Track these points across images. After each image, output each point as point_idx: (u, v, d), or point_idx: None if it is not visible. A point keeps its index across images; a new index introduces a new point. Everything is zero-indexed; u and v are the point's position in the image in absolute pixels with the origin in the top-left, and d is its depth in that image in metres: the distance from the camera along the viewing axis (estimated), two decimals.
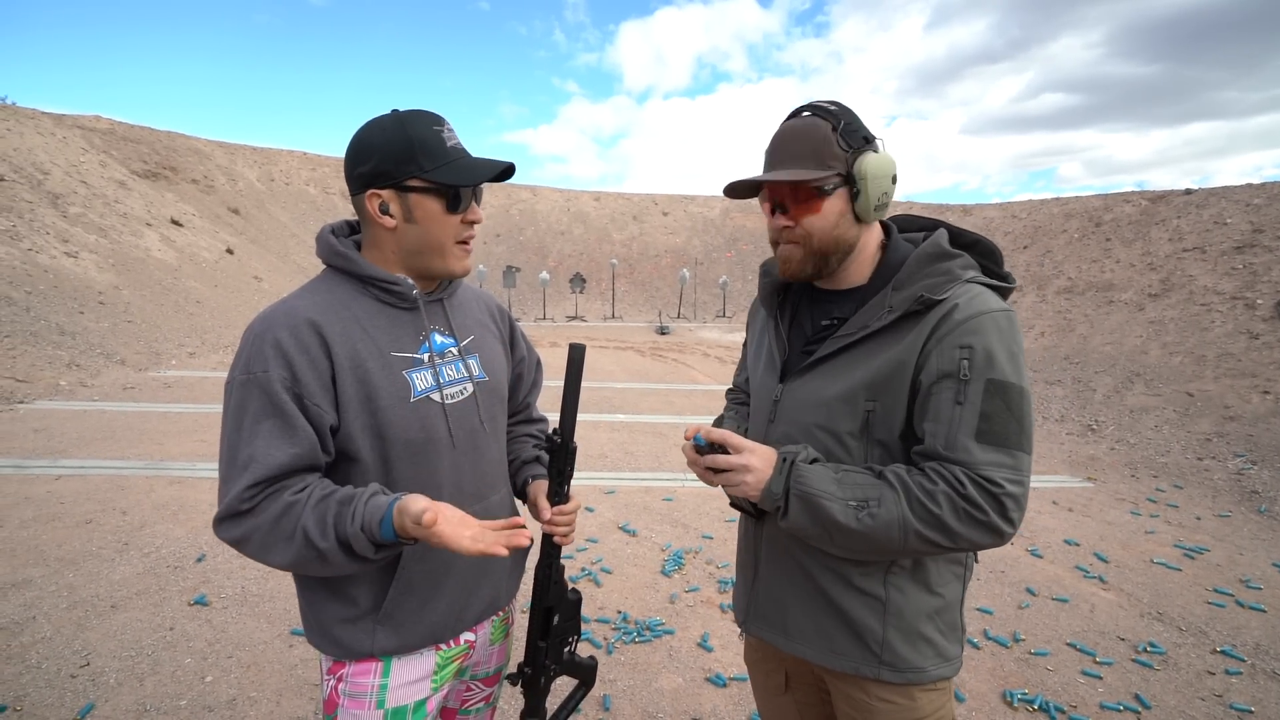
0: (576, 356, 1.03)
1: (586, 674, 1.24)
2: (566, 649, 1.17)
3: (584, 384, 1.18)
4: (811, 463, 0.98)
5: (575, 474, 1.16)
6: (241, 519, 0.91)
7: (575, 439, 1.05)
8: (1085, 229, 11.60)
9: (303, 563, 0.91)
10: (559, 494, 1.06)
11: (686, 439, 1.02)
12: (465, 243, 1.05)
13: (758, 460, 0.97)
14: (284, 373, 0.92)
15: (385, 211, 0.99)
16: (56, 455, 4.60)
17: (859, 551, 0.97)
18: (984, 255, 1.05)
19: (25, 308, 7.72)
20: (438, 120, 1.00)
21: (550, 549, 1.09)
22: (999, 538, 0.92)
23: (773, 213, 1.05)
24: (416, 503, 0.88)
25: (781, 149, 1.02)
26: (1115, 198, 12.23)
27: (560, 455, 1.04)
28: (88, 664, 2.34)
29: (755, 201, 1.14)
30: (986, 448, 0.90)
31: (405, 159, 0.96)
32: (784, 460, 0.97)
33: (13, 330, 7.17)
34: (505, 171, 1.03)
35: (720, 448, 1.00)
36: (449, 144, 0.99)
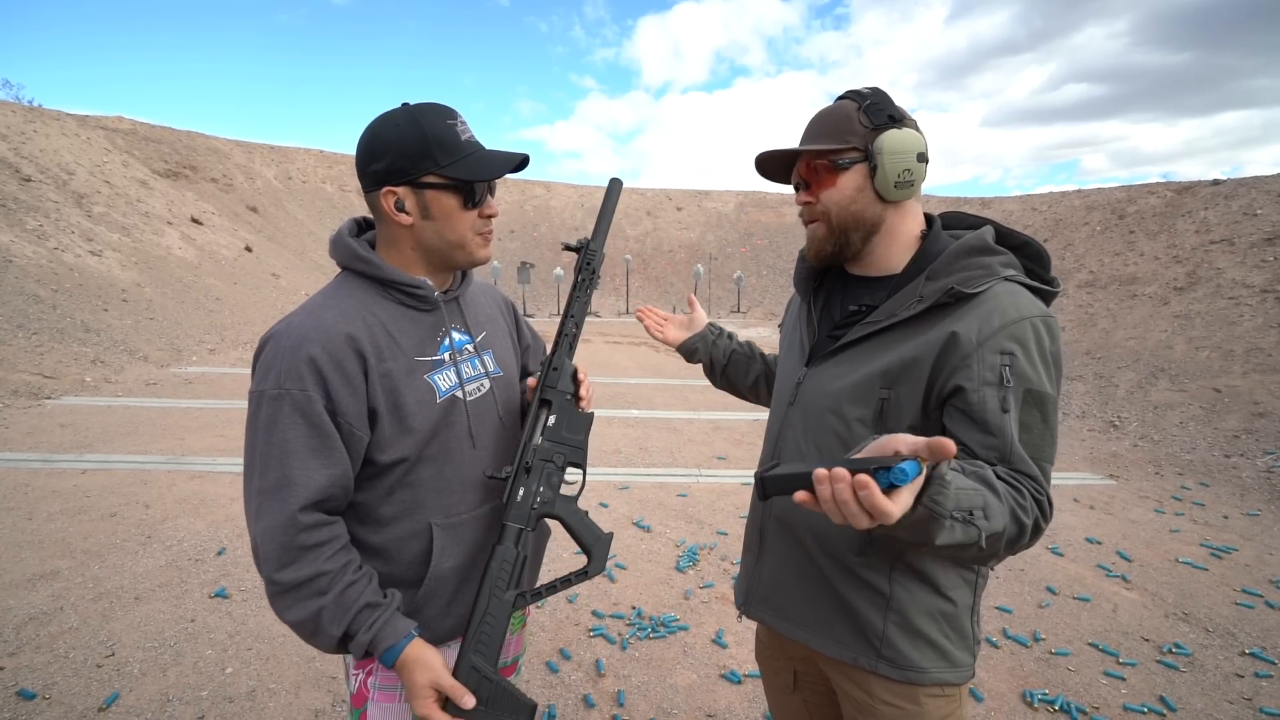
0: (615, 188, 1.16)
1: (597, 544, 1.04)
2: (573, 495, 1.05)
3: (597, 380, 1.17)
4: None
5: (589, 470, 1.14)
6: (307, 556, 0.91)
7: (592, 435, 1.05)
8: (1108, 221, 11.36)
9: (303, 628, 0.93)
10: (582, 297, 1.10)
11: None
12: (483, 234, 1.05)
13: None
14: (320, 391, 0.91)
15: (401, 209, 0.98)
16: (82, 450, 4.70)
17: (943, 555, 0.84)
18: (1031, 259, 1.02)
19: (52, 305, 7.89)
20: (451, 114, 0.99)
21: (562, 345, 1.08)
22: (1018, 551, 0.89)
23: (797, 189, 1.08)
24: (421, 684, 0.92)
25: (809, 129, 1.05)
26: (1140, 189, 11.97)
27: (586, 252, 1.11)
28: (113, 654, 2.39)
29: (769, 198, 1.14)
30: (1029, 461, 0.89)
31: (421, 155, 0.95)
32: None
33: (40, 327, 7.34)
34: (521, 164, 1.02)
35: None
36: (463, 138, 0.98)
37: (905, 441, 0.66)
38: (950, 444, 0.63)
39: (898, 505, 0.65)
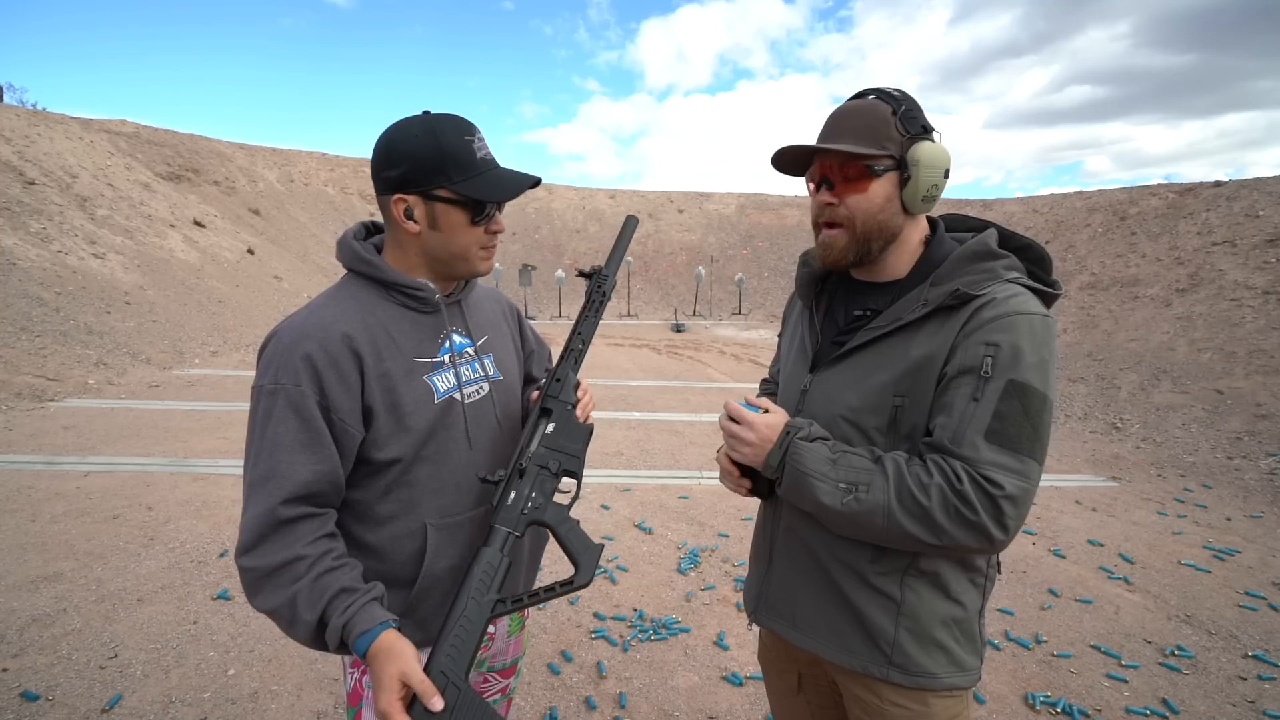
0: (630, 225, 1.22)
1: (585, 554, 0.99)
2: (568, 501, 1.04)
3: (599, 382, 1.18)
4: (814, 440, 0.98)
5: (590, 472, 1.15)
6: (284, 541, 0.90)
7: (594, 438, 1.05)
8: (1110, 223, 11.35)
9: (280, 614, 0.91)
10: (592, 317, 1.11)
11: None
12: (487, 248, 1.06)
13: (762, 429, 1.00)
14: (314, 388, 0.93)
15: (410, 216, 1.00)
16: (85, 452, 4.71)
17: (848, 533, 0.98)
18: (1033, 261, 1.02)
19: (55, 308, 7.92)
20: (469, 129, 1.00)
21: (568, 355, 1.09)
22: (987, 542, 0.88)
23: (818, 189, 1.02)
24: (390, 675, 0.85)
25: (838, 124, 0.99)
26: (1141, 191, 11.95)
27: (599, 277, 1.13)
28: (116, 656, 2.40)
29: (770, 199, 1.14)
30: (994, 448, 0.88)
31: (435, 169, 0.97)
32: (786, 434, 0.98)
33: (43, 330, 7.36)
34: (533, 186, 1.05)
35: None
36: (479, 155, 1.00)
37: (753, 399, 1.06)
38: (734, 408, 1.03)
39: (745, 418, 1.01)
